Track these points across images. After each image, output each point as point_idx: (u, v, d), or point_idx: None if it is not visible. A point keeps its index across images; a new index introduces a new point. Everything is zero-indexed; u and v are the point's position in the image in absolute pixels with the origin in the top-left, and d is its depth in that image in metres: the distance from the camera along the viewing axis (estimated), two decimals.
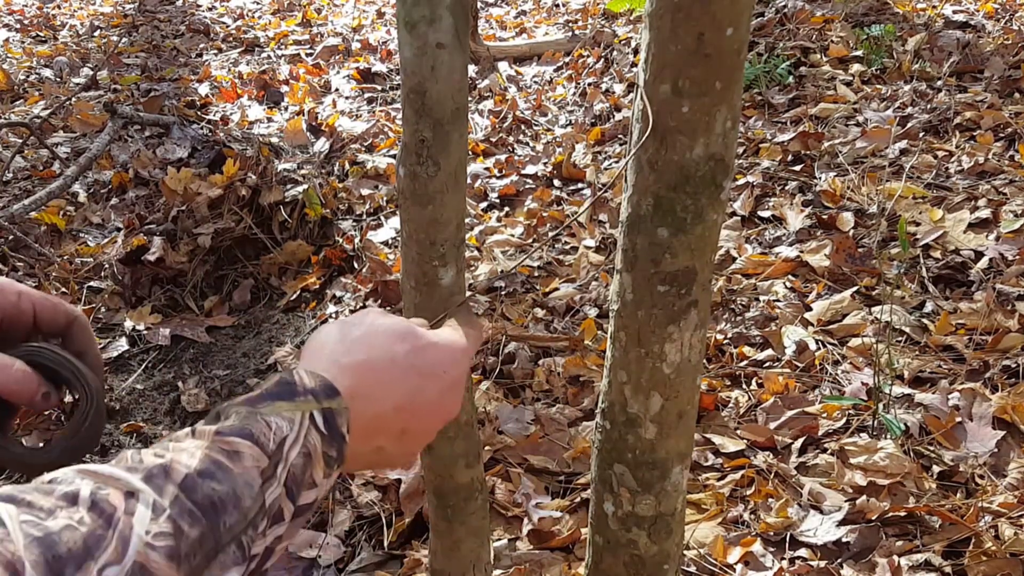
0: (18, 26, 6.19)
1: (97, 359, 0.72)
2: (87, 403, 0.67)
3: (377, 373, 0.62)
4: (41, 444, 0.70)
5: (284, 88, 4.81)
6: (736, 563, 1.63)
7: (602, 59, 4.59)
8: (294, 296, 2.93)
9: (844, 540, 1.63)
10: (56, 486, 0.46)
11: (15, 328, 0.68)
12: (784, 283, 2.47)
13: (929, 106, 3.34)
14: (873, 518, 1.66)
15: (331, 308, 2.79)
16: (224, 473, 0.50)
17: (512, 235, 3.00)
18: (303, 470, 0.54)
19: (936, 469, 1.77)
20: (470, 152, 3.68)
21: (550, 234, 2.97)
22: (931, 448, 1.82)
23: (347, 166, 3.71)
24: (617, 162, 3.49)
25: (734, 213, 2.88)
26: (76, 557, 0.43)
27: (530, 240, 2.97)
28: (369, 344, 0.63)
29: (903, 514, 1.66)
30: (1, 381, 0.63)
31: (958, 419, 1.87)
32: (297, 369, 0.59)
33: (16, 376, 0.64)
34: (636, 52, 3.67)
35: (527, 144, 3.92)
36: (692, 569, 1.63)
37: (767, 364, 2.18)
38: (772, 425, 1.96)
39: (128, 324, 2.75)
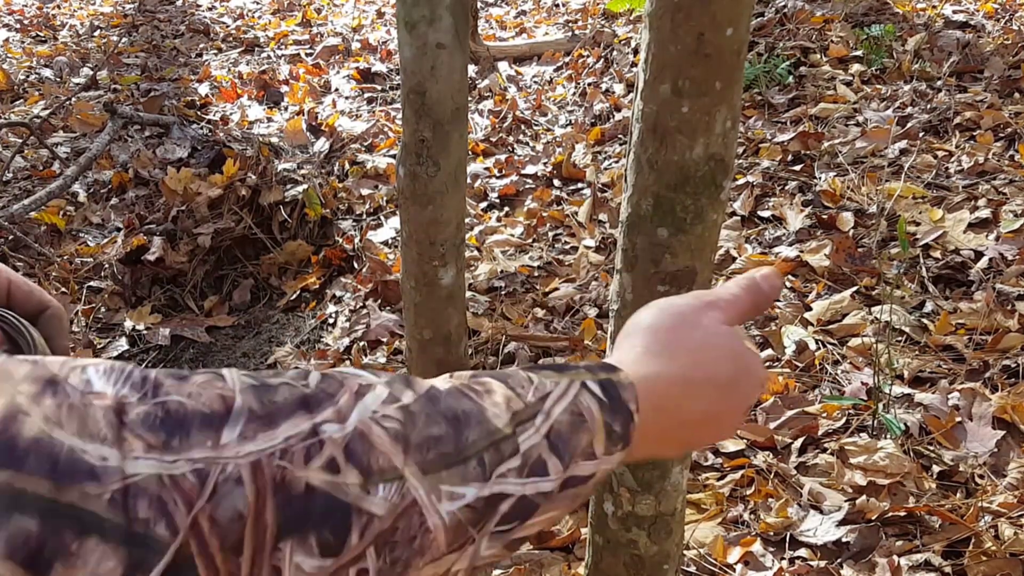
0: (18, 26, 6.19)
1: (63, 351, 0.70)
2: None
3: (665, 340, 0.57)
4: None
5: (284, 88, 4.81)
6: (736, 563, 1.63)
7: (602, 59, 4.59)
8: (294, 296, 2.93)
9: (844, 540, 1.63)
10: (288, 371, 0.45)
11: None
12: (784, 283, 2.47)
13: (929, 106, 3.34)
14: (873, 518, 1.66)
15: (331, 308, 2.79)
16: (471, 399, 0.47)
17: (512, 235, 3.00)
18: (572, 430, 0.49)
19: (936, 469, 1.77)
20: (470, 152, 3.68)
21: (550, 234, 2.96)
22: (931, 448, 1.82)
23: (347, 166, 3.71)
24: (617, 162, 3.50)
25: (734, 213, 2.88)
26: (290, 408, 0.41)
27: (530, 240, 2.97)
28: (706, 353, 0.57)
29: (903, 514, 1.66)
30: None
31: (958, 419, 1.87)
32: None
33: None
34: (636, 52, 3.67)
35: (527, 144, 3.92)
36: (692, 569, 1.63)
37: (767, 364, 2.18)
38: (772, 425, 1.96)
39: (128, 324, 2.75)
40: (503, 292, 2.63)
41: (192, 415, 0.39)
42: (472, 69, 4.75)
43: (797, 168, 3.11)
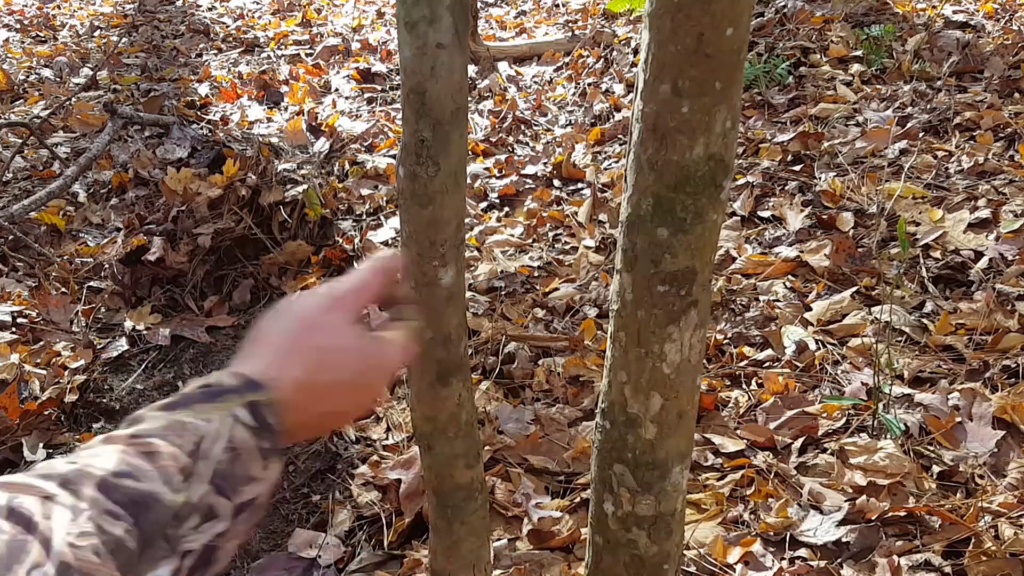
0: (18, 26, 6.19)
1: None
2: None
3: (289, 346, 0.64)
4: None
5: (284, 88, 4.81)
6: (736, 563, 1.63)
7: (602, 59, 4.59)
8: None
9: (844, 540, 1.63)
10: None
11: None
12: (784, 283, 2.47)
13: (929, 106, 3.34)
14: (873, 518, 1.66)
15: None
16: (142, 472, 0.50)
17: (512, 235, 3.00)
18: (231, 467, 0.54)
19: (936, 469, 1.77)
20: (470, 152, 3.68)
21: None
22: (931, 448, 1.82)
23: (347, 166, 3.71)
24: (617, 162, 3.50)
25: (734, 213, 2.88)
26: (3, 563, 0.43)
27: (530, 240, 2.97)
28: (306, 334, 0.65)
29: (903, 514, 1.66)
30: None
31: (958, 419, 1.87)
32: (220, 372, 0.60)
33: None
34: (636, 52, 3.67)
35: (527, 144, 3.92)
36: (692, 569, 1.63)
37: (767, 364, 2.18)
38: (772, 425, 1.96)
39: (128, 324, 2.75)
40: (503, 292, 2.63)
41: None
42: (472, 69, 4.75)
43: (797, 168, 3.11)
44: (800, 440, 1.90)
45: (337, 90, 4.80)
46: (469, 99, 2.27)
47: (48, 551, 0.45)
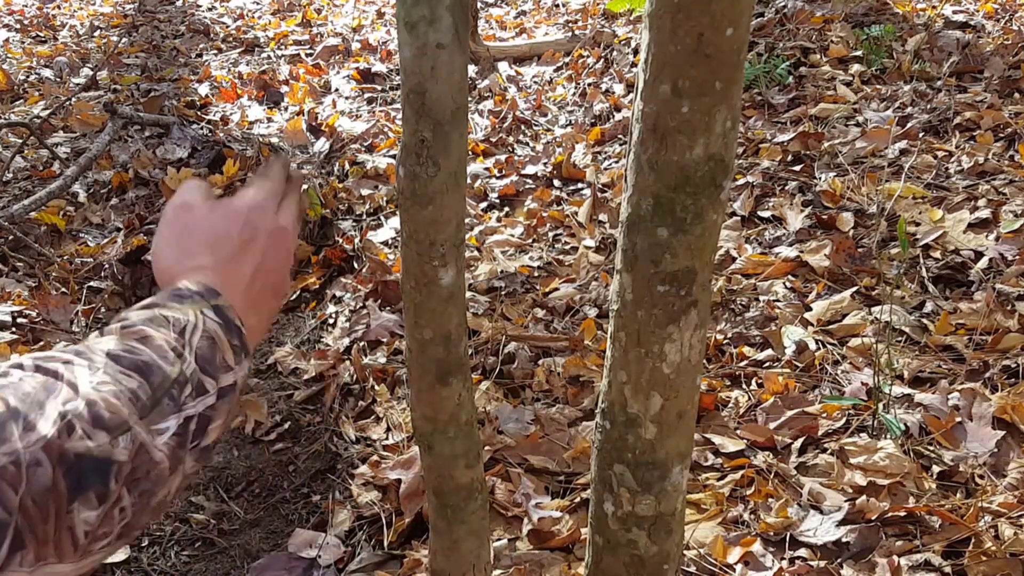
0: (18, 26, 6.19)
1: None
2: None
3: (226, 257, 0.69)
4: None
5: (284, 88, 4.81)
6: (736, 563, 1.62)
7: (602, 59, 4.59)
8: (294, 296, 2.93)
9: (844, 540, 1.63)
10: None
11: None
12: (784, 283, 2.47)
13: (929, 106, 3.34)
14: (873, 518, 1.66)
15: (331, 308, 2.79)
16: (140, 350, 0.57)
17: (512, 235, 3.00)
18: (211, 351, 0.61)
19: (936, 469, 1.77)
20: (470, 152, 3.68)
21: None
22: (931, 448, 1.82)
23: (347, 166, 3.71)
24: (617, 162, 3.50)
25: (734, 213, 2.88)
26: (41, 396, 0.50)
27: (530, 240, 2.97)
28: (205, 240, 0.70)
29: (903, 514, 1.66)
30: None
31: (958, 419, 1.87)
32: (180, 282, 0.66)
33: None
34: (636, 52, 3.67)
35: (527, 144, 3.92)
36: (692, 569, 1.63)
37: (767, 364, 2.18)
38: (772, 425, 1.96)
39: None
40: (503, 292, 2.63)
41: None
42: (472, 69, 4.76)
43: (797, 168, 3.11)
44: (800, 440, 1.90)
45: (337, 90, 4.80)
46: (469, 99, 2.28)
47: (76, 392, 0.52)
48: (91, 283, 2.95)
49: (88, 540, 0.51)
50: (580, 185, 3.37)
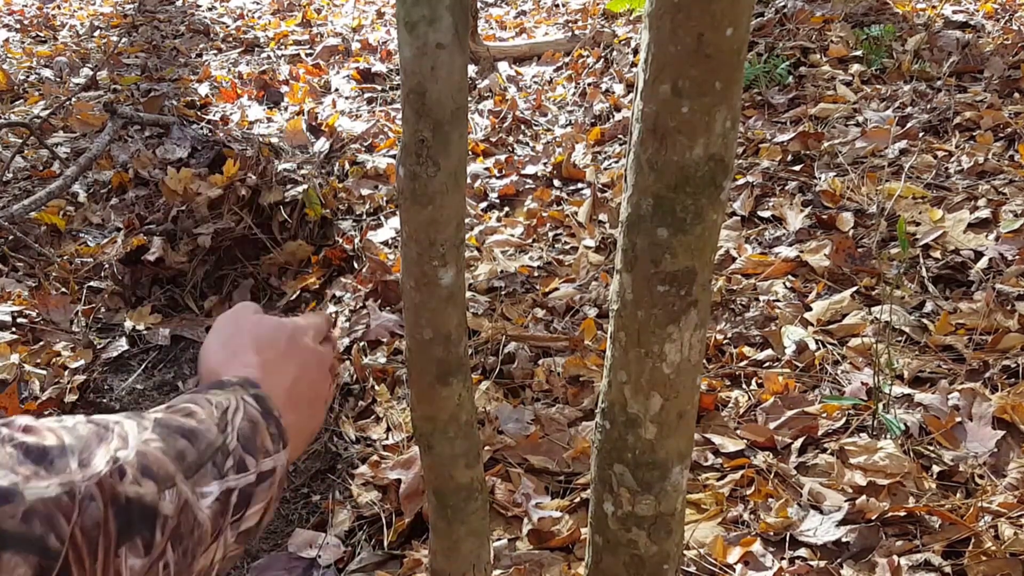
0: (18, 26, 6.19)
1: None
2: None
3: (270, 360, 0.72)
4: None
5: (284, 88, 4.81)
6: (736, 563, 1.62)
7: (602, 59, 4.59)
8: (294, 296, 2.93)
9: (844, 540, 1.63)
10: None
11: None
12: (784, 283, 2.47)
13: (929, 106, 3.34)
14: (873, 518, 1.66)
15: (331, 308, 2.79)
16: (185, 420, 0.59)
17: (512, 235, 3.00)
18: (252, 433, 0.62)
19: (936, 469, 1.77)
20: (470, 152, 3.68)
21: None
22: (931, 448, 1.82)
23: (347, 166, 3.71)
24: (617, 162, 3.50)
25: (734, 213, 2.88)
26: (94, 440, 0.51)
27: (530, 240, 2.97)
28: (251, 342, 0.73)
29: (903, 514, 1.66)
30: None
31: (958, 419, 1.87)
32: (224, 376, 0.68)
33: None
34: (636, 52, 3.67)
35: (527, 144, 3.92)
36: (692, 569, 1.63)
37: (767, 364, 2.18)
38: (772, 425, 1.96)
39: (128, 324, 2.75)
40: (503, 292, 2.63)
41: (46, 450, 0.48)
42: (472, 69, 4.75)
43: (797, 168, 3.11)
44: (800, 440, 1.90)
45: (337, 90, 4.80)
46: (469, 99, 2.27)
47: (126, 443, 0.53)
48: (91, 283, 2.95)
49: None
50: (580, 185, 3.37)
